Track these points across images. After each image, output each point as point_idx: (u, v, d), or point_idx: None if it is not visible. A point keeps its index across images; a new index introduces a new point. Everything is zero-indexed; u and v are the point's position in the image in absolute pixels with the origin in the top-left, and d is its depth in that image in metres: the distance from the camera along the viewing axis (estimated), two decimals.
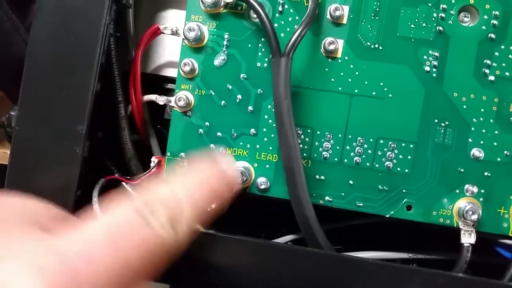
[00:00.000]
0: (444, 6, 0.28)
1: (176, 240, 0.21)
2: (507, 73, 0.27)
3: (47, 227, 0.21)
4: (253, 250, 0.26)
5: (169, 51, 0.32)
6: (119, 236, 0.19)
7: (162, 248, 0.20)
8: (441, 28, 0.28)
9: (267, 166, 0.29)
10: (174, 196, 0.22)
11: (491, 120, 0.27)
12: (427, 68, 0.28)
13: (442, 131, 0.28)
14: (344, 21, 0.28)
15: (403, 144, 0.28)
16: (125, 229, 0.20)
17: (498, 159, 0.27)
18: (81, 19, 0.28)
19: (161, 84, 0.32)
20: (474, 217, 0.26)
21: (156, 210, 0.21)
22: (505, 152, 0.27)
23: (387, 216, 0.27)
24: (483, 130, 0.27)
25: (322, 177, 0.28)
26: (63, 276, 0.18)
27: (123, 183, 0.30)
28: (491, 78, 0.27)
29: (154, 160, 0.30)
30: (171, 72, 0.32)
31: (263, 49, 0.29)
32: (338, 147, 0.28)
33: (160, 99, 0.30)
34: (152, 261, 0.20)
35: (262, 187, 0.29)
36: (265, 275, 0.26)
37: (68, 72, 0.27)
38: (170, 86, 0.33)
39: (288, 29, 0.29)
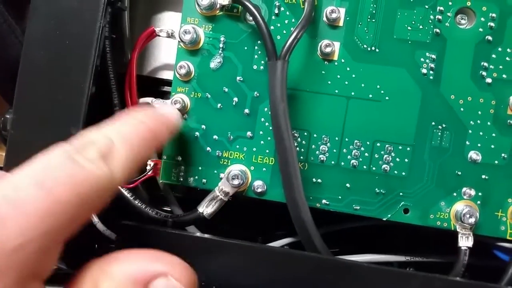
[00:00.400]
0: (441, 8, 0.27)
1: (110, 175, 0.20)
2: (504, 76, 0.27)
3: None
4: (250, 254, 0.26)
5: (164, 54, 0.32)
6: (47, 177, 0.19)
7: (96, 184, 0.20)
8: (438, 30, 0.28)
9: (264, 169, 0.29)
10: (103, 135, 0.21)
11: (489, 123, 0.27)
12: (424, 71, 0.28)
13: (439, 133, 0.27)
14: (341, 23, 0.28)
15: (400, 147, 0.28)
16: (53, 170, 0.19)
17: (496, 162, 0.27)
18: (76, 22, 0.28)
19: (157, 87, 0.32)
20: (472, 220, 0.26)
21: (85, 149, 0.20)
22: (503, 154, 0.27)
23: (384, 219, 0.27)
24: (481, 133, 0.27)
25: (319, 180, 0.28)
26: None
27: (119, 187, 0.30)
28: (488, 80, 0.27)
29: (150, 163, 0.30)
30: (167, 75, 0.32)
31: (259, 52, 0.29)
32: (335, 150, 0.28)
33: (156, 102, 0.30)
34: (88, 199, 0.19)
35: (259, 190, 0.28)
36: (262, 279, 0.26)
37: (63, 74, 0.27)
38: (166, 88, 0.32)
39: (284, 32, 0.28)
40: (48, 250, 0.19)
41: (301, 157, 0.28)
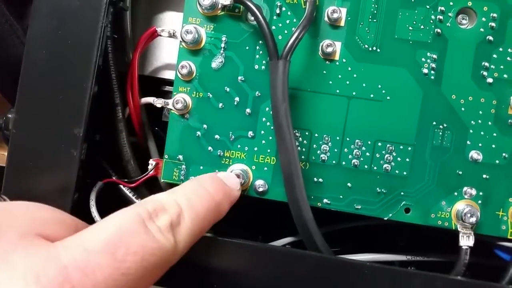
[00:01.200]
0: (442, 8, 0.28)
1: (175, 247, 0.21)
2: (505, 75, 0.27)
3: (50, 234, 0.20)
4: (251, 253, 0.26)
5: (166, 54, 0.32)
6: (118, 245, 0.19)
7: (161, 256, 0.20)
8: (439, 31, 0.28)
9: (265, 168, 0.29)
10: (175, 203, 0.22)
11: (490, 123, 0.27)
12: (425, 71, 0.28)
13: (440, 133, 0.27)
14: (342, 23, 0.28)
15: (401, 147, 0.28)
16: (125, 236, 0.20)
17: (497, 161, 0.27)
18: (78, 22, 0.28)
19: (158, 87, 0.32)
20: (473, 219, 0.26)
21: (157, 216, 0.21)
22: (504, 154, 0.27)
23: (385, 218, 0.27)
24: (482, 133, 0.27)
25: (320, 180, 0.28)
26: (59, 285, 0.17)
27: (121, 186, 0.30)
28: (489, 80, 0.27)
29: (151, 162, 0.30)
30: (168, 75, 0.32)
31: (261, 52, 0.29)
32: (336, 150, 0.28)
33: (158, 102, 0.30)
34: (151, 270, 0.20)
35: (260, 189, 0.29)
36: (263, 278, 0.26)
37: (65, 74, 0.27)
38: (167, 88, 0.32)
39: (285, 32, 0.28)
40: None
41: (303, 157, 0.28)
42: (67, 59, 0.27)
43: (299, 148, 0.28)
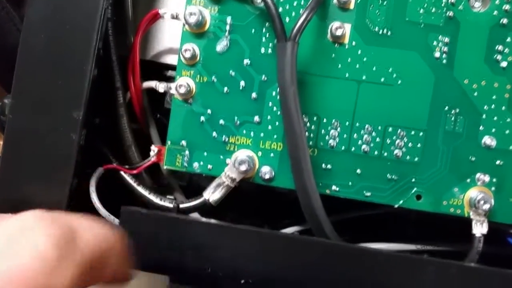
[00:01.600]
0: None
1: None
2: None
3: None
4: (257, 240, 0.25)
5: (169, 37, 0.31)
6: None
7: None
8: (451, 14, 0.27)
9: (272, 155, 0.28)
10: None
11: (503, 108, 0.27)
12: (437, 54, 0.27)
13: (452, 118, 0.27)
14: (351, 6, 0.27)
15: (413, 132, 0.27)
16: None
17: (511, 147, 0.26)
18: (77, 4, 0.27)
19: (161, 72, 0.31)
20: (486, 206, 0.25)
21: None
22: None
23: (396, 206, 0.27)
24: (495, 118, 0.27)
25: (329, 166, 0.27)
26: None
27: (122, 173, 0.29)
28: (503, 64, 0.27)
29: (153, 149, 0.29)
30: (171, 59, 0.31)
31: (267, 34, 0.28)
32: (345, 135, 0.27)
33: (160, 86, 0.29)
34: None
35: (267, 176, 0.28)
36: (269, 266, 0.25)
37: (64, 58, 0.26)
38: (170, 73, 0.31)
39: (293, 14, 0.28)
40: None
41: (311, 143, 0.27)
42: (66, 42, 0.26)
43: (307, 133, 0.27)
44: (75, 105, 0.26)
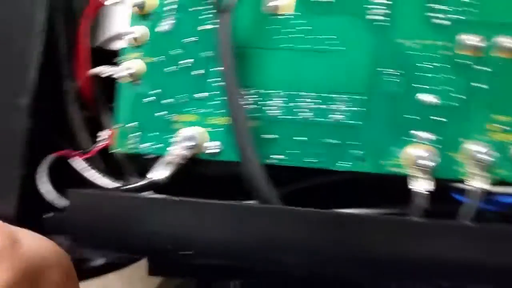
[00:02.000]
0: None
1: None
2: (460, 17, 0.26)
3: None
4: (206, 212, 0.26)
5: (116, 22, 0.31)
6: None
7: None
8: None
9: (219, 129, 0.28)
10: None
11: (444, 65, 0.26)
12: (377, 17, 0.27)
13: (393, 79, 0.27)
14: None
15: (355, 97, 0.27)
16: None
17: (452, 103, 0.26)
18: None
19: (110, 59, 0.32)
20: (428, 163, 0.25)
21: None
22: (459, 96, 0.26)
23: (341, 170, 0.26)
24: (436, 76, 0.26)
25: (273, 136, 0.27)
26: None
27: (75, 159, 0.29)
28: (443, 22, 0.26)
29: (108, 132, 0.30)
30: (120, 45, 0.32)
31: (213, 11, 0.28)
32: (290, 104, 0.27)
33: (106, 71, 0.29)
34: None
35: (214, 151, 0.28)
36: (224, 236, 0.25)
37: (6, 41, 0.27)
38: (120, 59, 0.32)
39: None
40: None
41: (254, 114, 0.28)
42: (8, 24, 0.27)
43: (250, 105, 0.28)
44: (20, 91, 0.27)
